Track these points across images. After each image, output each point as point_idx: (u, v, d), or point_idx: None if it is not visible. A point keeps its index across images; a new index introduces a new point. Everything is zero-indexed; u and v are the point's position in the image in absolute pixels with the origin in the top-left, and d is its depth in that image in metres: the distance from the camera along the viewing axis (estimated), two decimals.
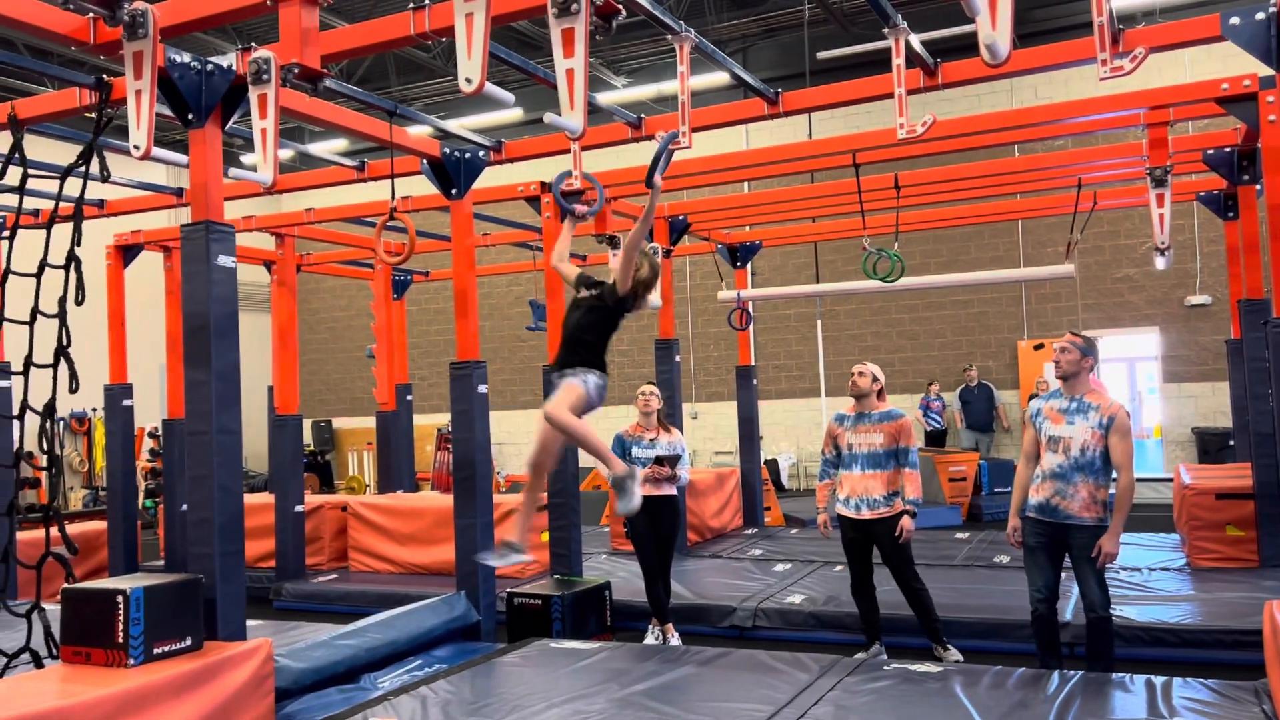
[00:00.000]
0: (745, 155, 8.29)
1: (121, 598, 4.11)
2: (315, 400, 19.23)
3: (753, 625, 6.49)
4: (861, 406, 5.73)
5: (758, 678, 4.80)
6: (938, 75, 5.44)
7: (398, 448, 10.80)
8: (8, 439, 7.47)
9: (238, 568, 4.67)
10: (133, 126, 4.29)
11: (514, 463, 17.32)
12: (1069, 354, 4.89)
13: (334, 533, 9.02)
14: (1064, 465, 4.79)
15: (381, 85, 15.88)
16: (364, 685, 5.08)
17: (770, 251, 13.46)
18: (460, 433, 6.45)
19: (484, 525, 6.39)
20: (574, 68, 3.47)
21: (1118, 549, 4.77)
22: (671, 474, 6.14)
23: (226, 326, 4.69)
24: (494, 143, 6.67)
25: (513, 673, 5.12)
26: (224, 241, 4.71)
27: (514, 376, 17.82)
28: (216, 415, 4.60)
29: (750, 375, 10.40)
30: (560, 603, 6.14)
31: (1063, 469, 4.79)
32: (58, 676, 4.09)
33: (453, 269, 6.67)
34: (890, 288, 7.86)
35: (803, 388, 16.12)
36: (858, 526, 5.65)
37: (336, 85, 4.98)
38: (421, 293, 17.13)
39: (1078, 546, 4.78)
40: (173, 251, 9.28)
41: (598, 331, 4.90)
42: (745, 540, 9.22)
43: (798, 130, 13.98)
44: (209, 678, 4.16)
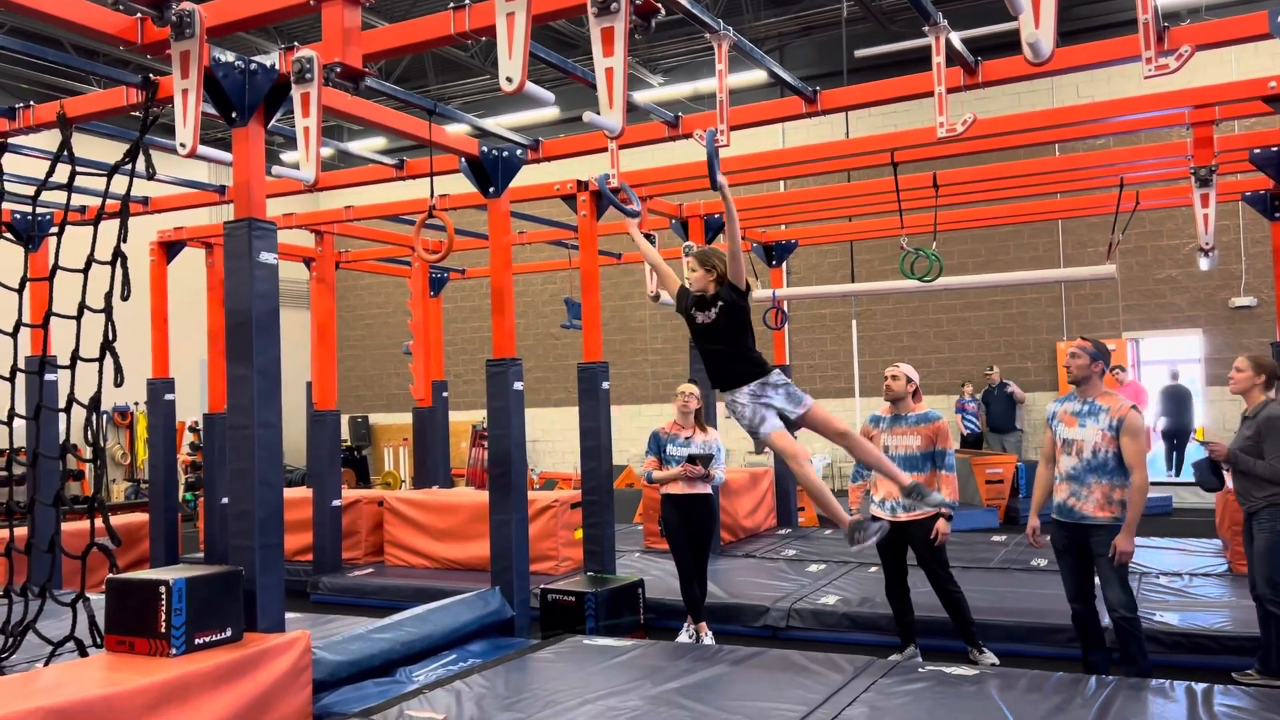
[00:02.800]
0: (782, 154, 8.26)
1: (164, 588, 4.18)
2: (352, 396, 19.41)
3: (786, 625, 6.48)
4: (898, 408, 5.69)
5: (791, 677, 4.79)
6: (978, 73, 5.39)
7: (434, 444, 10.89)
8: (54, 431, 7.60)
9: (277, 560, 4.73)
10: (179, 125, 4.36)
11: (548, 460, 17.40)
12: (1079, 359, 5.00)
13: (370, 527, 9.11)
14: (1077, 468, 4.91)
15: (420, 84, 16.00)
16: (399, 679, 5.13)
17: (805, 250, 13.40)
18: (496, 429, 6.49)
19: (519, 521, 6.42)
20: (613, 67, 3.49)
21: (1132, 547, 4.83)
22: (705, 473, 6.15)
23: (268, 322, 4.75)
24: (531, 141, 6.70)
25: (546, 668, 5.14)
26: (266, 238, 4.78)
27: (548, 374, 17.88)
28: (258, 410, 4.66)
29: (786, 375, 10.34)
30: (594, 599, 6.17)
31: (1076, 471, 4.91)
32: (103, 665, 4.17)
33: (490, 267, 6.70)
34: (928, 287, 7.80)
35: (837, 388, 16.03)
36: (893, 528, 5.61)
37: (377, 84, 5.03)
38: (457, 290, 17.23)
39: (1096, 546, 4.87)
40: (214, 248, 9.41)
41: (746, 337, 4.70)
42: (779, 540, 9.19)
43: (834, 129, 13.91)
44: (249, 668, 4.22)
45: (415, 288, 11.04)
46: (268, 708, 4.25)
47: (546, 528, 8.08)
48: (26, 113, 5.53)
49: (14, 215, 7.67)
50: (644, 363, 17.40)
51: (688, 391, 6.41)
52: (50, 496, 5.85)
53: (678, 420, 6.42)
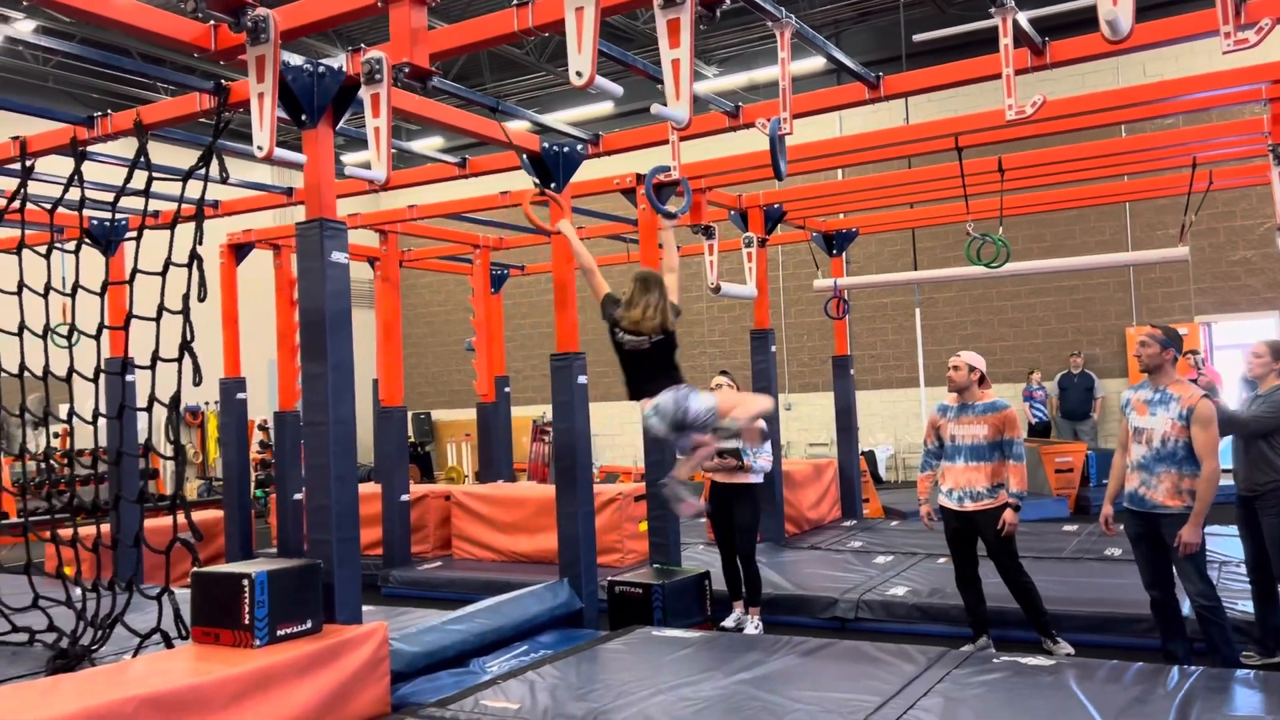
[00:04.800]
0: (841, 142, 8.19)
1: (247, 581, 4.29)
2: (415, 393, 19.67)
3: (855, 617, 6.44)
4: (965, 397, 5.63)
5: (863, 668, 4.76)
6: (1046, 54, 5.29)
7: (497, 439, 11.00)
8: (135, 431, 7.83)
9: (354, 553, 4.83)
10: (256, 128, 4.46)
11: (609, 453, 17.47)
12: (1149, 347, 4.95)
13: (438, 521, 9.24)
14: (1147, 456, 4.87)
15: (477, 82, 16.14)
16: (473, 669, 5.19)
17: (865, 239, 13.26)
18: (561, 423, 6.54)
19: (585, 514, 6.46)
20: (679, 58, 3.49)
21: (1198, 538, 4.77)
22: (738, 465, 6.25)
23: (341, 320, 4.84)
24: (591, 136, 6.73)
25: (617, 659, 5.18)
26: (337, 238, 4.87)
27: (607, 369, 17.86)
28: (333, 406, 4.76)
29: (847, 365, 10.28)
30: (661, 591, 6.19)
31: (1146, 460, 4.87)
32: (190, 655, 4.29)
33: (552, 262, 6.75)
34: (993, 273, 7.69)
35: (900, 378, 15.86)
36: (961, 518, 5.57)
37: (442, 84, 5.09)
38: (516, 287, 17.36)
39: (1168, 536, 4.83)
40: (282, 249, 9.60)
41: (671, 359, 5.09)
42: (844, 532, 9.13)
43: (893, 115, 13.74)
44: (329, 659, 4.31)
45: (477, 285, 11.16)
46: (348, 698, 4.34)
47: (611, 520, 8.13)
48: (104, 121, 5.69)
49: (92, 222, 7.90)
50: (701, 355, 17.37)
51: (717, 384, 6.47)
52: (134, 493, 6.05)
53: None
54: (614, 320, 5.03)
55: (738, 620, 6.40)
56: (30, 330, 5.65)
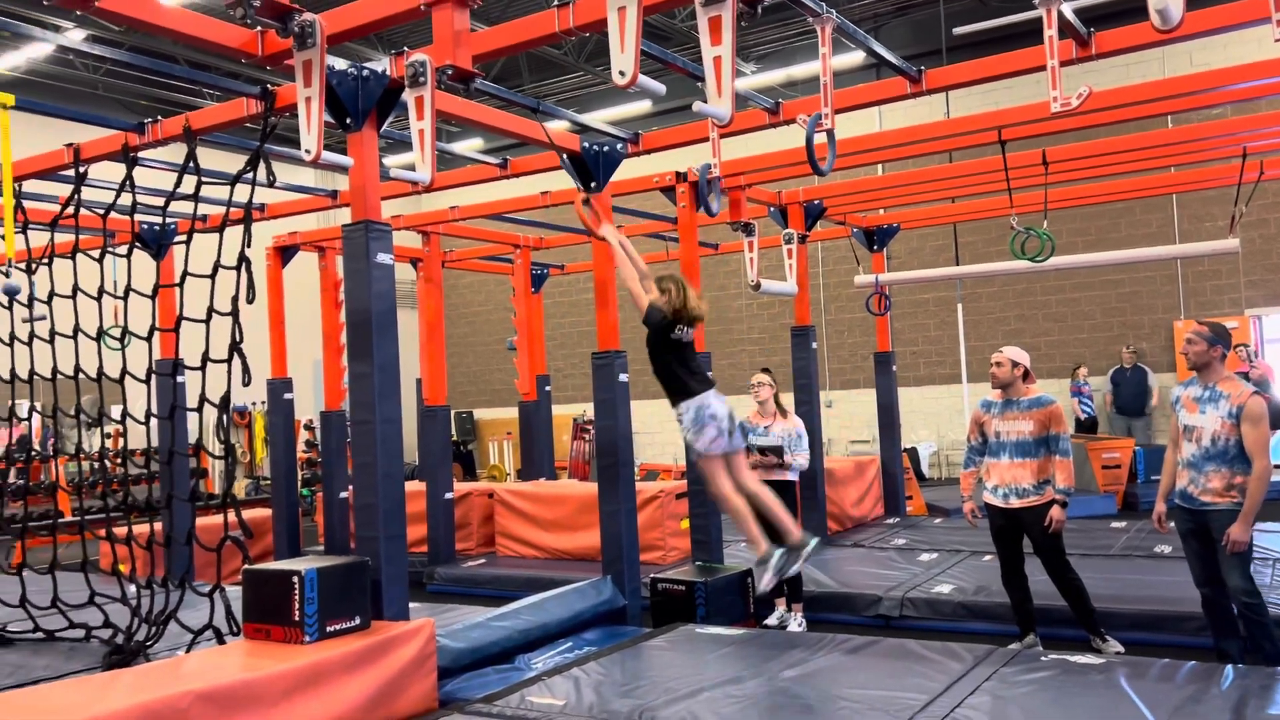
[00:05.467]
0: (882, 136, 8.11)
1: (297, 578, 4.36)
2: (457, 392, 19.83)
3: (899, 615, 6.40)
4: (1009, 393, 5.57)
5: (909, 666, 4.73)
6: (1091, 45, 5.23)
7: (538, 437, 11.06)
8: (185, 430, 7.98)
9: (400, 551, 4.88)
10: (304, 132, 4.53)
11: (649, 451, 17.47)
12: (1195, 345, 4.86)
13: (481, 519, 9.31)
14: (1197, 455, 4.79)
15: (516, 84, 16.22)
16: (518, 665, 5.23)
17: (906, 234, 13.15)
18: (603, 421, 6.56)
19: (628, 511, 6.49)
20: (721, 55, 3.49)
21: (1247, 536, 4.70)
22: (778, 462, 6.28)
23: (386, 320, 4.90)
24: (631, 135, 6.74)
25: (661, 656, 5.19)
26: (382, 240, 4.93)
27: (646, 367, 17.94)
28: (379, 405, 4.81)
29: (889, 361, 10.21)
30: (703, 589, 6.18)
31: (1195, 458, 4.79)
32: (242, 651, 4.37)
33: (593, 260, 6.77)
34: (1037, 268, 7.60)
35: (943, 374, 15.71)
36: (1006, 516, 5.51)
37: (484, 85, 5.13)
38: (557, 286, 17.45)
39: (1216, 533, 4.75)
40: (327, 251, 9.73)
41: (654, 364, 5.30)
42: (887, 530, 9.07)
43: (934, 109, 13.62)
44: (377, 655, 4.37)
45: (518, 284, 11.23)
46: (396, 693, 4.40)
47: (653, 518, 8.14)
48: (154, 127, 5.80)
49: (143, 226, 8.04)
50: (741, 353, 17.34)
51: (757, 381, 6.54)
52: (185, 492, 6.17)
53: (758, 409, 6.52)
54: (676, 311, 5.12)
55: (781, 618, 6.40)
56: (84, 333, 5.78)
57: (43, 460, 11.80)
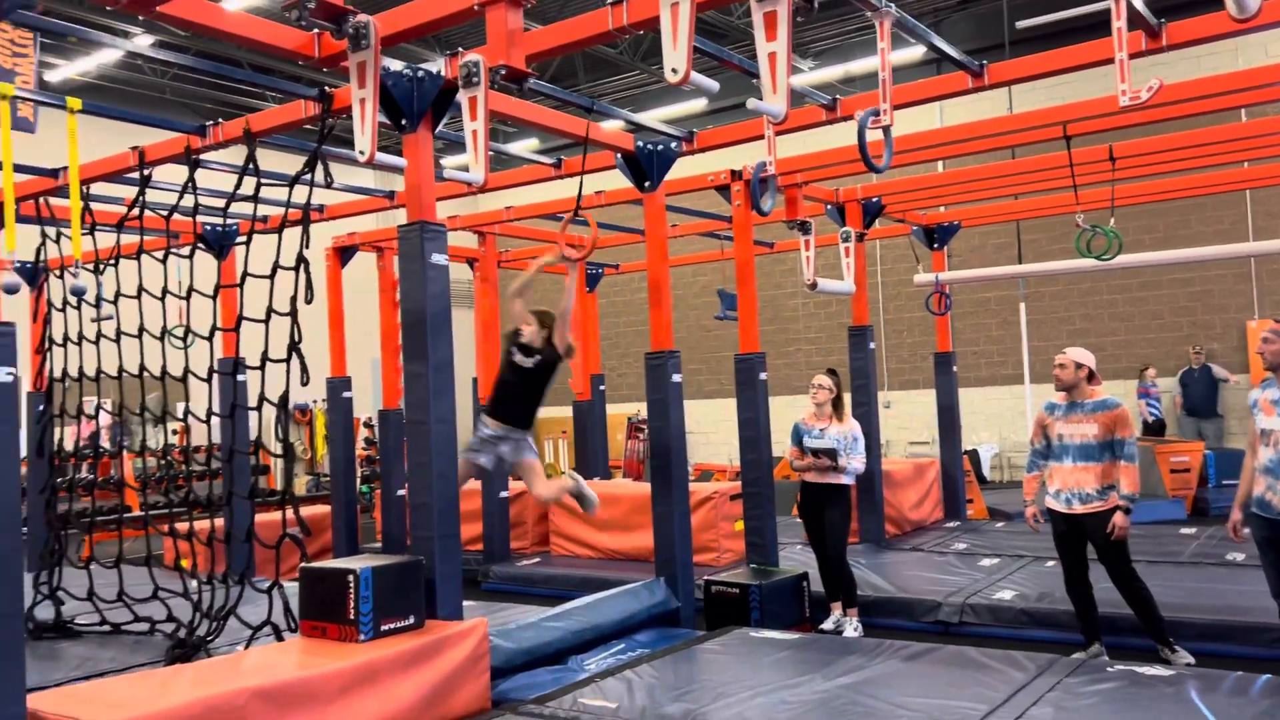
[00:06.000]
0: (943, 133, 7.97)
1: (352, 577, 4.39)
2: None
3: (959, 621, 6.27)
4: (1073, 395, 5.42)
5: (969, 674, 4.63)
6: (1162, 37, 5.06)
7: (593, 436, 11.07)
8: (246, 429, 8.11)
9: (455, 550, 4.89)
10: (358, 133, 4.56)
11: (703, 451, 17.42)
12: (1271, 344, 4.66)
13: (536, 518, 9.33)
14: (1274, 460, 4.55)
15: (571, 83, 16.27)
16: (571, 667, 5.22)
17: (967, 232, 12.91)
18: (656, 421, 6.53)
19: (681, 513, 6.44)
20: (776, 51, 3.43)
21: None
22: (832, 465, 6.20)
23: (441, 321, 4.92)
24: (685, 133, 6.70)
25: (714, 660, 5.15)
26: (437, 240, 4.95)
27: (700, 366, 17.90)
28: (433, 404, 4.83)
29: (950, 362, 10.04)
30: (758, 592, 6.13)
31: (1273, 464, 4.56)
32: (299, 649, 4.41)
33: (647, 260, 6.74)
34: (1104, 266, 7.40)
35: (1005, 375, 15.42)
36: (1069, 521, 5.37)
37: (538, 85, 5.13)
38: (611, 285, 17.47)
39: None
40: (385, 251, 9.83)
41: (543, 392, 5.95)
42: (947, 534, 8.91)
43: (996, 105, 13.37)
44: (431, 655, 4.38)
45: None
46: (450, 692, 4.41)
47: (707, 519, 8.09)
48: (215, 130, 5.90)
49: (205, 227, 8.20)
50: (798, 352, 17.19)
51: (816, 383, 6.46)
52: (245, 489, 6.26)
53: (814, 411, 6.48)
54: (514, 335, 5.78)
55: (837, 622, 6.31)
56: (149, 333, 5.89)
57: (111, 456, 12.11)
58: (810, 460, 6.29)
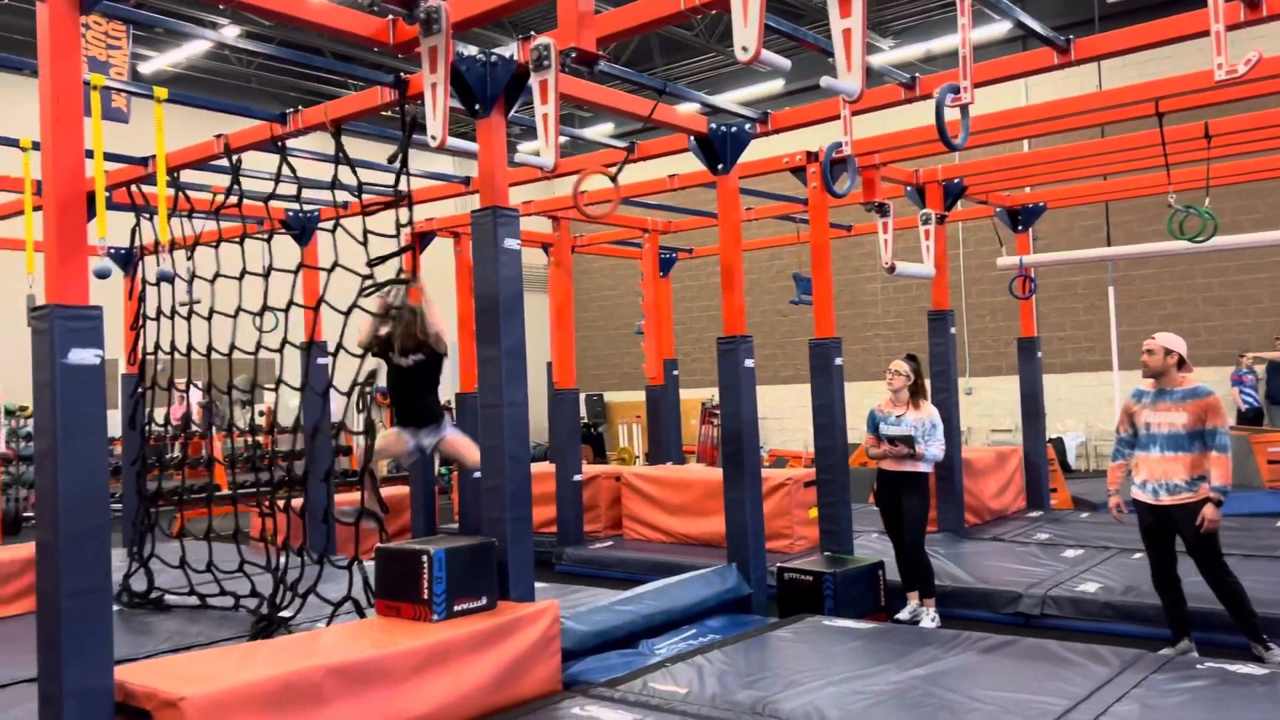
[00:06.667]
0: (1028, 111, 7.71)
1: (426, 558, 4.45)
2: (588, 375, 20.07)
3: (1040, 613, 6.11)
4: (1162, 382, 5.22)
5: (1049, 668, 4.51)
6: (1261, 7, 4.81)
7: (666, 421, 11.06)
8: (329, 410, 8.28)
9: (527, 532, 4.93)
10: (429, 118, 4.60)
11: (778, 437, 17.31)
12: None
13: (609, 501, 9.38)
14: None
15: (647, 66, 16.22)
16: (642, 651, 5.22)
17: (1054, 213, 12.55)
18: (728, 407, 6.48)
19: (753, 499, 6.39)
20: (851, 28, 3.35)
21: None
22: (909, 452, 6.10)
23: (513, 305, 4.94)
24: (760, 114, 6.61)
25: (786, 647, 5.10)
26: (509, 225, 4.96)
27: (776, 351, 17.76)
28: (506, 389, 4.86)
29: (1034, 348, 9.78)
30: (832, 580, 6.05)
31: None
32: (374, 627, 4.49)
33: (719, 244, 6.68)
34: (1198, 249, 7.12)
35: (1092, 361, 14.97)
36: (1156, 513, 5.18)
37: (609, 68, 5.10)
38: (685, 270, 17.43)
39: None
40: (461, 237, 9.93)
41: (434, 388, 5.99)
42: (1029, 523, 8.69)
43: (1084, 81, 12.93)
44: (503, 636, 4.42)
45: (646, 269, 11.22)
46: (521, 674, 4.44)
47: (780, 506, 8.02)
48: (295, 117, 6.01)
49: (288, 213, 8.38)
50: (875, 338, 16.94)
51: (893, 369, 6.35)
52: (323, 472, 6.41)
53: (891, 398, 6.38)
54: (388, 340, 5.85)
55: (913, 612, 6.20)
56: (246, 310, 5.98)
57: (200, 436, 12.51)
58: (886, 448, 6.19)
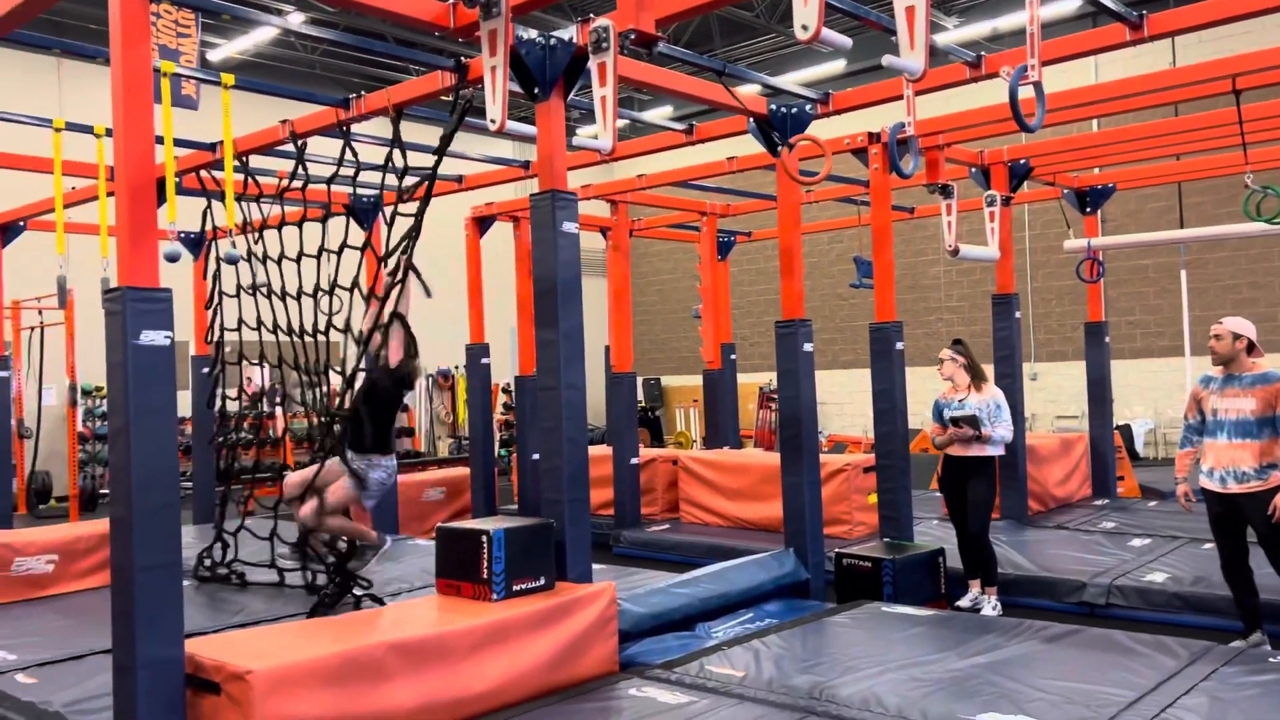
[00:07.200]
0: (1098, 89, 7.50)
1: (486, 538, 4.50)
2: (645, 359, 20.09)
3: (1105, 603, 5.99)
4: (1231, 368, 5.07)
5: (1114, 659, 4.43)
6: None
7: (723, 405, 11.03)
8: None
9: (584, 514, 4.96)
10: (489, 101, 4.62)
11: (836, 422, 17.18)
12: None
13: (666, 485, 9.40)
14: None
15: (706, 48, 16.10)
16: (698, 634, 5.23)
17: (1123, 195, 12.21)
18: (786, 391, 6.44)
19: (811, 484, 6.35)
20: (914, 5, 3.29)
21: None
22: (974, 434, 6.04)
23: (571, 289, 4.95)
24: (821, 95, 6.53)
25: (844, 633, 5.07)
26: (568, 209, 4.97)
27: (835, 335, 17.59)
28: (564, 372, 4.89)
29: (1101, 332, 9.55)
30: (891, 566, 6.00)
31: None
32: (434, 605, 4.56)
33: (778, 226, 6.63)
34: (1275, 230, 6.88)
35: (1161, 346, 14.59)
36: (1223, 501, 5.04)
37: (668, 49, 5.07)
38: (743, 253, 17.32)
39: None
40: (520, 221, 9.99)
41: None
42: (1095, 512, 8.52)
43: (1157, 58, 12.55)
44: (561, 616, 4.46)
45: (704, 252, 11.18)
46: (579, 654, 4.48)
47: (838, 491, 7.97)
48: (359, 103, 6.08)
49: (352, 197, 8.48)
50: (938, 322, 16.69)
51: (940, 358, 6.39)
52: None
53: (951, 386, 6.35)
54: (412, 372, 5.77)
55: (974, 600, 6.13)
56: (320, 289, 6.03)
57: (269, 417, 12.80)
58: (951, 431, 6.12)
